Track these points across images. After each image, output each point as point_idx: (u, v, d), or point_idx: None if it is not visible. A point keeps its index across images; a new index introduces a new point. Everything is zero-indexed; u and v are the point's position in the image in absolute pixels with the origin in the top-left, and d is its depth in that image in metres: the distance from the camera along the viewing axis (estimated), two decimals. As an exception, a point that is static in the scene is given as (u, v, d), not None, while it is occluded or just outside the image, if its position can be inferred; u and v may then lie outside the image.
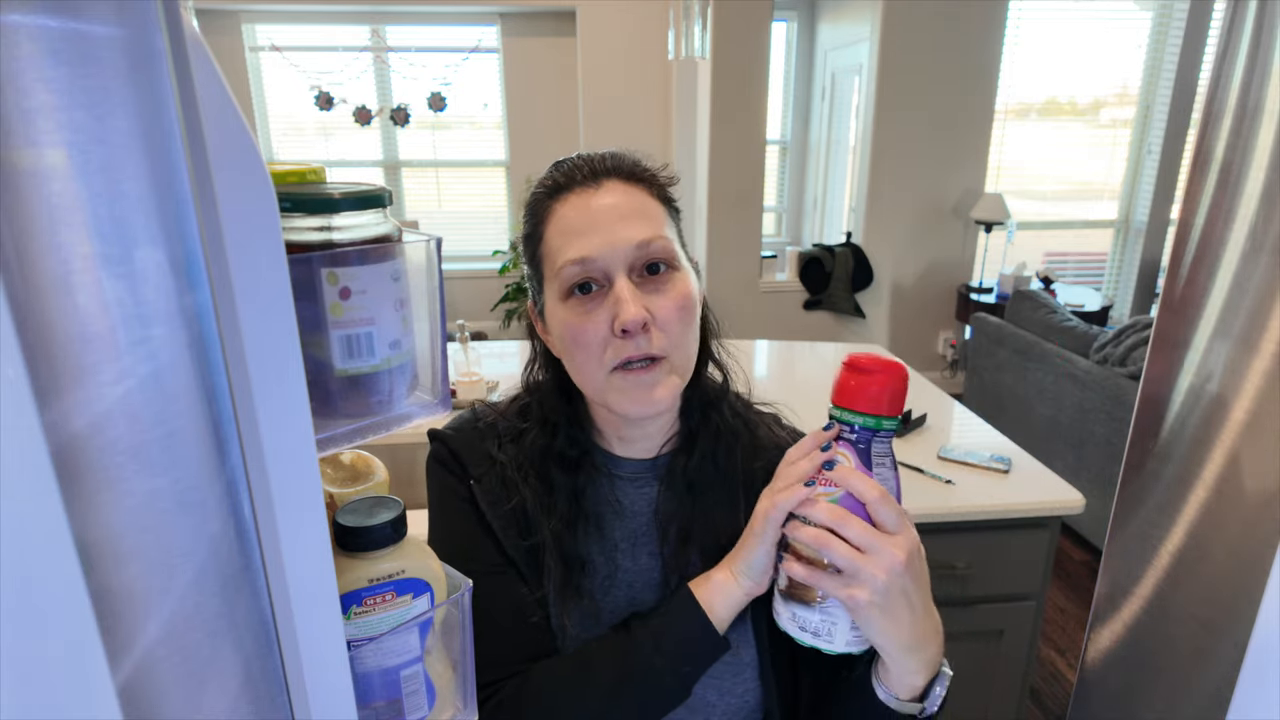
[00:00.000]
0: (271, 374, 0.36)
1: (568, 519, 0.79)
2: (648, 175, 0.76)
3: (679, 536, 0.80)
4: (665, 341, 0.71)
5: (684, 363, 0.74)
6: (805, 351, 2.70)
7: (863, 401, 0.65)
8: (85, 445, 0.26)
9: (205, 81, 0.32)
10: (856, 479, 0.64)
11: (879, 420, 0.65)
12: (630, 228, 0.70)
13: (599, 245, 0.70)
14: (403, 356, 0.48)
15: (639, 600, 0.81)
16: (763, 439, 0.84)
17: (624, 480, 0.82)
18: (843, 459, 0.65)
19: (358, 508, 0.53)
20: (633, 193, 0.73)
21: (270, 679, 0.39)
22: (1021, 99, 4.55)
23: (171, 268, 0.32)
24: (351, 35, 4.77)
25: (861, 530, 0.62)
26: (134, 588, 0.28)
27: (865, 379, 0.65)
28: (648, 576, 0.81)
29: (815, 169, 5.34)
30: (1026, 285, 4.18)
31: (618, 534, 0.81)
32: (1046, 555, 1.67)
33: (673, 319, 0.71)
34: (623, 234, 0.70)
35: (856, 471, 0.65)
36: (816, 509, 0.64)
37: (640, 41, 4.58)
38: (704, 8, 3.64)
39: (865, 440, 0.65)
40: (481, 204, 5.24)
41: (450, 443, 0.82)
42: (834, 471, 0.65)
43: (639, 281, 0.71)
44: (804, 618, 0.66)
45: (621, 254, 0.70)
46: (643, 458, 0.82)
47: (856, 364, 0.65)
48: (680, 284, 0.73)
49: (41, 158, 0.25)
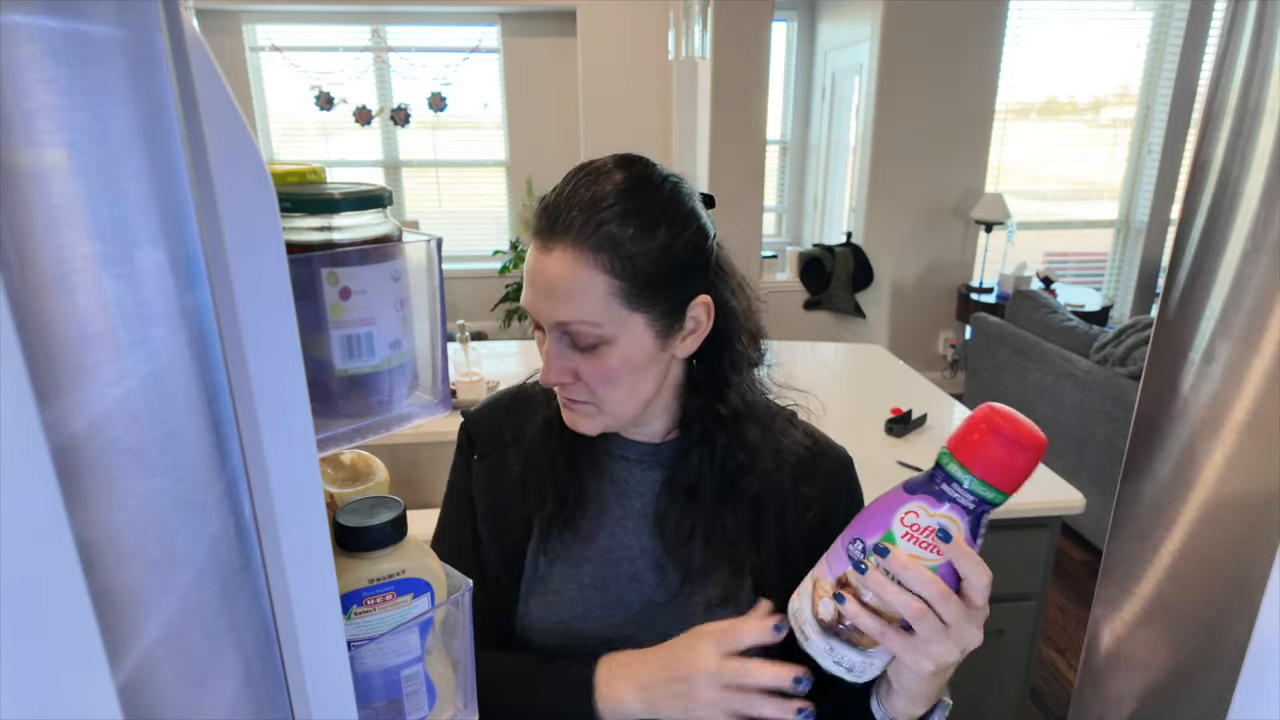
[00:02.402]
0: (271, 374, 0.36)
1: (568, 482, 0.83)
2: (610, 241, 0.69)
3: (679, 528, 0.81)
4: (589, 395, 0.74)
5: (615, 410, 0.76)
6: (806, 351, 2.70)
7: (1002, 477, 0.57)
8: (85, 445, 0.26)
9: (205, 81, 0.32)
10: (971, 563, 0.58)
11: (1005, 497, 0.58)
12: (556, 305, 0.71)
13: (534, 306, 0.73)
14: (403, 356, 0.48)
15: (641, 578, 0.82)
16: (784, 449, 0.82)
17: (629, 461, 0.85)
18: (954, 527, 0.58)
19: (358, 508, 0.53)
20: (576, 264, 0.69)
21: (270, 679, 0.39)
22: (1021, 99, 4.55)
23: (172, 268, 0.32)
24: (352, 35, 4.77)
25: (958, 610, 0.59)
26: (134, 588, 0.28)
27: (1016, 454, 0.56)
28: (649, 558, 0.83)
29: (815, 169, 5.34)
30: (1027, 285, 4.18)
31: (619, 510, 0.84)
32: (1046, 555, 1.67)
33: (596, 382, 0.73)
34: (549, 308, 0.71)
35: (972, 552, 0.59)
36: (915, 575, 0.58)
37: (640, 41, 4.58)
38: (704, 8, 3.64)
39: (983, 512, 0.58)
40: (481, 204, 5.24)
41: (468, 423, 0.89)
42: (951, 545, 0.58)
43: (570, 345, 0.73)
44: (844, 655, 0.62)
45: (546, 323, 0.73)
46: (648, 442, 0.84)
47: (1006, 431, 0.56)
48: (606, 358, 0.72)
49: (41, 158, 0.25)
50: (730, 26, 3.95)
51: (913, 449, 1.82)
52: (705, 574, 0.80)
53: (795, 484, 0.82)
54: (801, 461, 0.82)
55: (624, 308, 0.71)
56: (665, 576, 0.82)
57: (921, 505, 0.58)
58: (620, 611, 0.82)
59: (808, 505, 0.82)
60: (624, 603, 0.82)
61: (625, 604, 0.82)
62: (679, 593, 0.81)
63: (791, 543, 0.82)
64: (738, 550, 0.80)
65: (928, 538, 0.58)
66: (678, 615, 0.80)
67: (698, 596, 0.80)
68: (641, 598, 0.82)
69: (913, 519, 0.58)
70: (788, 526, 0.82)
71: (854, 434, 1.92)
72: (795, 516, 0.82)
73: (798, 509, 0.82)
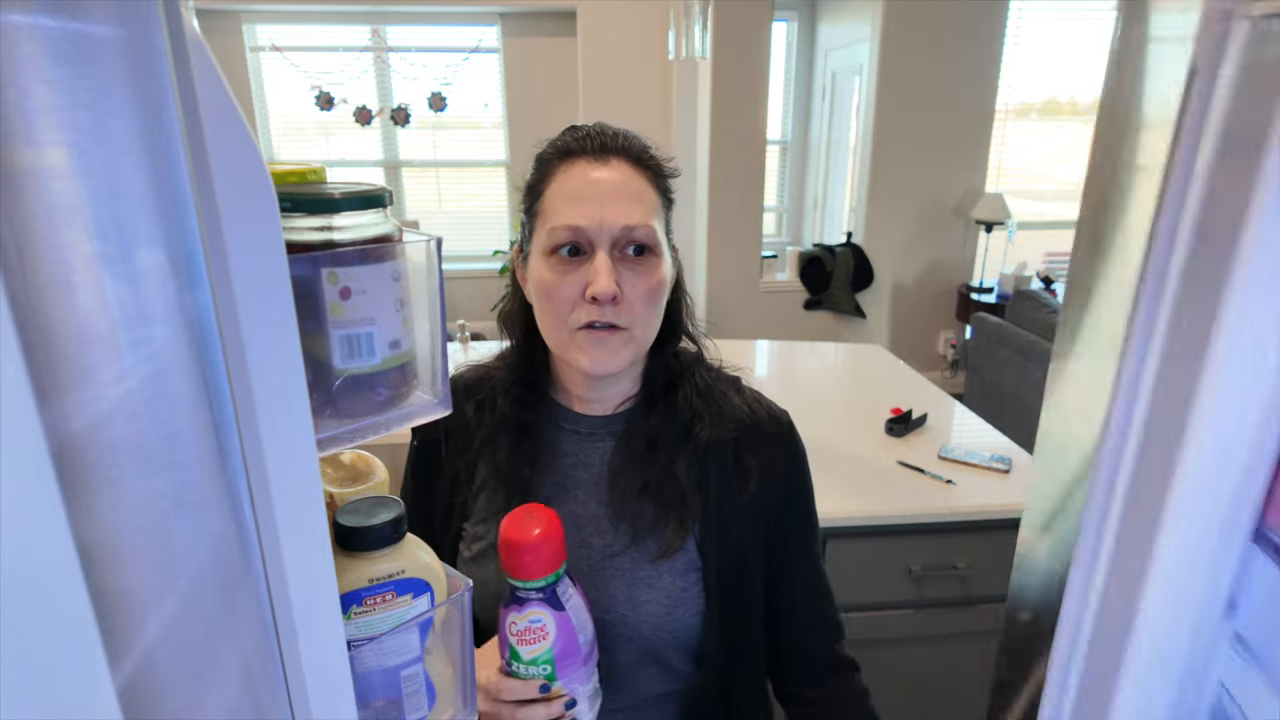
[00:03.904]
0: (271, 374, 0.36)
1: (514, 457, 0.85)
2: (653, 164, 0.80)
3: (629, 486, 0.83)
4: (629, 317, 0.77)
5: (643, 337, 0.80)
6: (805, 352, 2.70)
7: (539, 568, 0.69)
8: (85, 446, 0.26)
9: (206, 81, 0.32)
10: (571, 624, 0.70)
11: (557, 573, 0.70)
12: (623, 209, 0.75)
13: (591, 216, 0.75)
14: (403, 356, 0.48)
15: (589, 543, 0.84)
16: (729, 409, 0.87)
17: (580, 435, 0.87)
18: (545, 619, 0.70)
19: (358, 508, 0.53)
20: (634, 176, 0.77)
21: (270, 679, 0.39)
22: (1022, 99, 4.55)
23: (172, 268, 0.32)
24: (352, 35, 4.77)
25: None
26: (134, 588, 0.28)
27: (535, 550, 0.68)
28: (598, 523, 0.84)
29: (815, 169, 5.34)
30: (1027, 285, 4.18)
31: (568, 482, 0.86)
32: (1047, 555, 1.67)
33: (640, 299, 0.77)
34: (615, 213, 0.74)
35: (565, 615, 0.70)
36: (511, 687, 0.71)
37: (640, 41, 4.57)
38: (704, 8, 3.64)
39: (553, 592, 0.70)
40: (481, 204, 5.24)
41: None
42: (549, 624, 0.70)
43: (619, 258, 0.76)
44: None
45: (609, 231, 0.75)
46: (599, 414, 0.87)
47: (515, 541, 0.68)
48: (655, 270, 0.78)
49: (41, 158, 0.25)
50: (730, 26, 3.95)
51: (912, 449, 1.82)
52: (655, 528, 0.82)
53: (737, 450, 0.85)
54: (743, 427, 0.85)
55: (664, 225, 0.80)
56: (616, 537, 0.83)
57: (513, 615, 0.71)
58: None
59: (747, 475, 0.84)
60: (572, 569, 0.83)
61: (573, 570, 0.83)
62: (629, 546, 0.82)
63: (728, 506, 0.84)
64: (687, 503, 0.82)
65: (531, 633, 0.70)
66: (626, 572, 0.82)
67: (646, 550, 0.82)
68: (589, 562, 0.83)
69: (514, 626, 0.71)
70: (729, 489, 0.84)
71: (854, 434, 1.92)
72: (737, 482, 0.84)
73: (739, 476, 0.85)
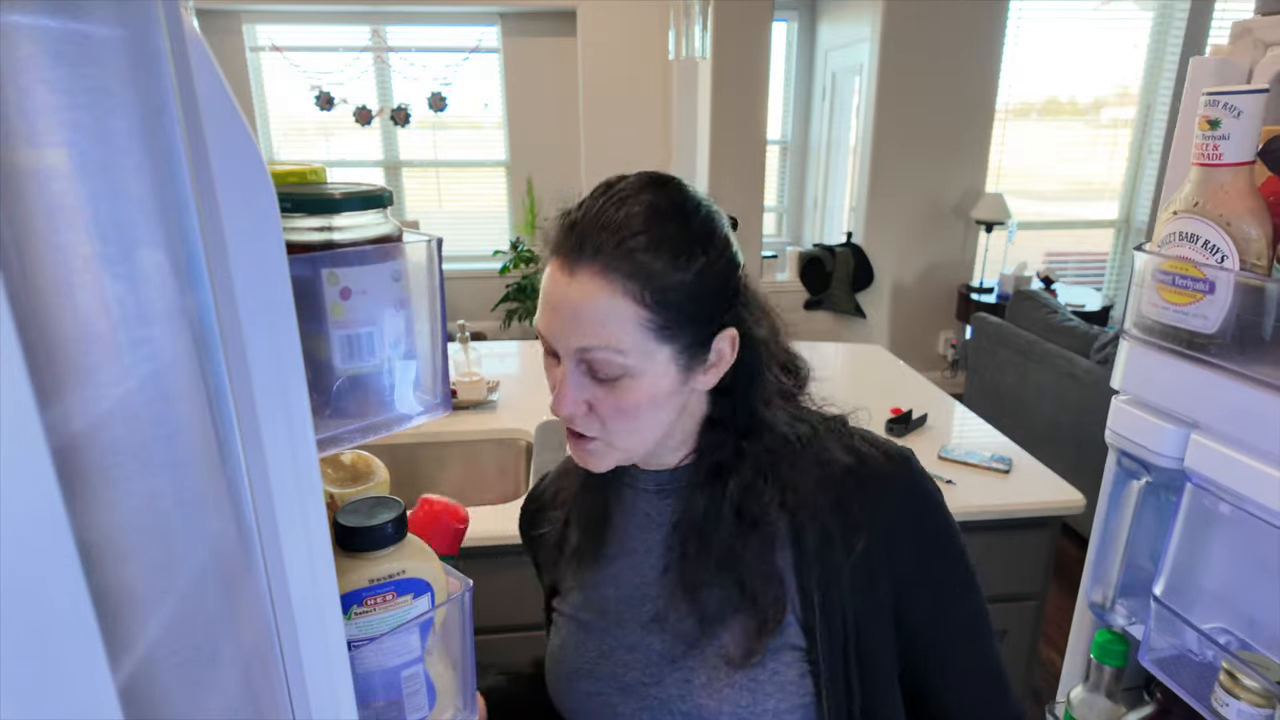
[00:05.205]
0: (272, 374, 0.36)
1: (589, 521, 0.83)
2: (639, 268, 0.66)
3: (686, 548, 0.76)
4: (601, 430, 0.70)
5: (630, 446, 0.72)
6: (806, 352, 2.69)
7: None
8: (86, 445, 0.26)
9: (205, 81, 0.32)
10: None
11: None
12: (580, 331, 0.66)
13: (551, 329, 0.68)
14: (403, 356, 0.48)
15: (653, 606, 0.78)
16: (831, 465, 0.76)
17: (649, 493, 0.81)
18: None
19: (358, 508, 0.53)
20: (605, 291, 0.65)
21: (270, 679, 0.39)
22: (1022, 99, 4.54)
23: (172, 268, 0.32)
24: (352, 35, 4.77)
25: None
26: (134, 588, 0.28)
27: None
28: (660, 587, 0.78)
29: (815, 169, 5.34)
30: (1027, 285, 4.18)
31: (638, 542, 0.81)
32: (1047, 555, 1.67)
33: (612, 416, 0.69)
34: (571, 333, 0.67)
35: None
36: None
37: (640, 41, 4.57)
38: (704, 8, 3.64)
39: None
40: (482, 204, 5.24)
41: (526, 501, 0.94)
42: None
43: (589, 371, 0.68)
44: None
45: (566, 348, 0.68)
46: (661, 468, 0.80)
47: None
48: (627, 391, 0.68)
49: (42, 158, 0.25)
50: (730, 26, 3.95)
51: (913, 449, 1.81)
52: (724, 621, 0.74)
53: (840, 505, 0.74)
54: (846, 477, 0.75)
55: (652, 339, 0.67)
56: (680, 620, 0.76)
57: None
58: (639, 657, 0.78)
59: (855, 528, 0.74)
60: (643, 646, 0.78)
61: (645, 647, 0.78)
62: (698, 640, 0.74)
63: (840, 575, 0.73)
64: (760, 599, 0.73)
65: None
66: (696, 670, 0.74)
67: (718, 645, 0.74)
68: (659, 649, 0.77)
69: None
70: (834, 557, 0.73)
71: (854, 434, 1.91)
72: (842, 543, 0.74)
73: (844, 534, 0.74)
